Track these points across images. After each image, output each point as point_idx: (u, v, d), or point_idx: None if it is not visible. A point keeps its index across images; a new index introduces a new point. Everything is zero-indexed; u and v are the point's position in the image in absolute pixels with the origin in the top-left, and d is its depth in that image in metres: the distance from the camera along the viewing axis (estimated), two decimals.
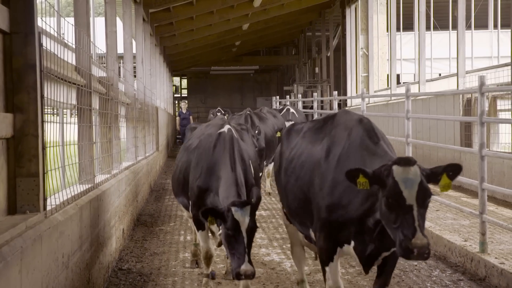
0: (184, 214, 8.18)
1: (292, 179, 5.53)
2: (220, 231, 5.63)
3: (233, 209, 5.48)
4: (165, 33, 24.41)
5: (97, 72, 8.40)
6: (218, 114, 23.71)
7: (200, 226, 6.60)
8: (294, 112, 16.56)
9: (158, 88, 22.87)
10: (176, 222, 11.19)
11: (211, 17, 24.57)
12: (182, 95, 54.92)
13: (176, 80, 54.05)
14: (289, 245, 8.99)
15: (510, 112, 12.20)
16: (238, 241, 5.43)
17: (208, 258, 6.74)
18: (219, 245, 6.06)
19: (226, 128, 6.56)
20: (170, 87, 37.29)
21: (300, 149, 5.61)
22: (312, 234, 5.27)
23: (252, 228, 5.51)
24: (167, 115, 28.33)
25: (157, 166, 18.33)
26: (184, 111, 27.61)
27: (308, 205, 5.18)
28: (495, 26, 24.04)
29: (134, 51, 15.01)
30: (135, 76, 15.09)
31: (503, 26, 22.88)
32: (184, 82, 54.95)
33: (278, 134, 13.19)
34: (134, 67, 15.19)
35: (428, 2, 21.58)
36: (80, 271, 5.78)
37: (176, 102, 52.64)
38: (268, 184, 14.65)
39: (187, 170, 6.70)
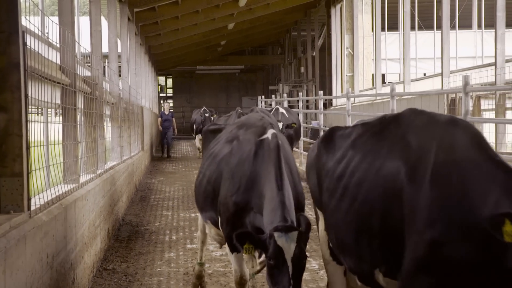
0: (199, 231, 7.00)
1: (345, 204, 4.15)
2: (261, 258, 5.05)
3: (276, 234, 4.58)
4: (150, 32, 24.34)
5: (82, 71, 8.37)
6: (207, 115, 23.23)
7: (235, 247, 5.34)
8: (284, 112, 15.91)
9: (143, 87, 22.81)
10: (161, 221, 11.17)
11: (196, 16, 24.53)
12: (168, 95, 54.79)
13: (162, 79, 53.90)
14: None
15: (494, 112, 12.27)
16: (282, 272, 4.54)
17: (243, 284, 5.71)
18: (258, 272, 5.49)
19: (270, 133, 5.39)
20: (155, 86, 37.20)
21: (354, 162, 4.22)
22: (379, 277, 3.99)
23: (300, 258, 4.57)
24: (152, 114, 28.26)
25: (142, 165, 18.28)
26: (166, 112, 25.87)
27: (375, 239, 3.88)
28: (479, 26, 24.22)
29: (119, 51, 14.96)
30: (120, 75, 15.04)
31: (487, 26, 23.05)
32: (170, 81, 54.82)
33: None
34: (119, 67, 15.14)
35: (412, 2, 21.67)
36: (65, 271, 5.76)
37: (161, 101, 52.52)
38: None
39: (218, 181, 5.64)
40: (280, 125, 13.31)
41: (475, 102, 12.89)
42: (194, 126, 24.31)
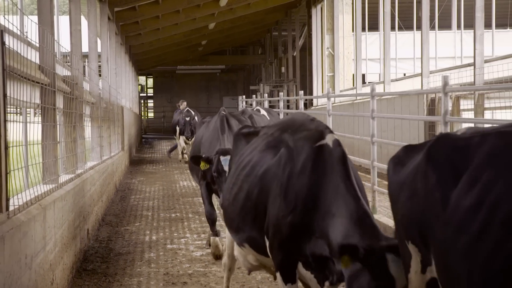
0: (226, 256, 6.16)
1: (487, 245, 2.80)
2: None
3: (389, 257, 3.64)
4: (130, 32, 24.24)
5: (62, 71, 8.32)
6: (192, 113, 22.10)
7: (290, 277, 4.52)
8: (265, 113, 15.33)
9: (123, 87, 22.71)
10: (141, 222, 11.14)
11: (177, 16, 24.46)
12: (148, 95, 54.61)
13: (142, 79, 53.71)
14: None
15: (473, 112, 12.35)
16: None
17: None
18: None
19: (329, 139, 4.42)
20: (135, 86, 37.05)
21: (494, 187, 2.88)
22: None
23: None
24: (133, 114, 28.15)
25: (122, 165, 18.21)
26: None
27: None
28: (458, 27, 24.39)
29: (99, 50, 14.88)
30: (100, 75, 14.97)
31: (466, 26, 23.20)
32: (150, 81, 54.65)
33: None
34: (99, 66, 15.07)
35: (393, 3, 21.77)
36: (44, 272, 5.72)
37: (142, 101, 52.34)
38: None
39: (262, 197, 4.67)
40: None
41: (455, 102, 12.97)
42: (177, 127, 22.65)
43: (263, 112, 13.92)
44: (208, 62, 45.41)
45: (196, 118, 21.52)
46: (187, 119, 21.58)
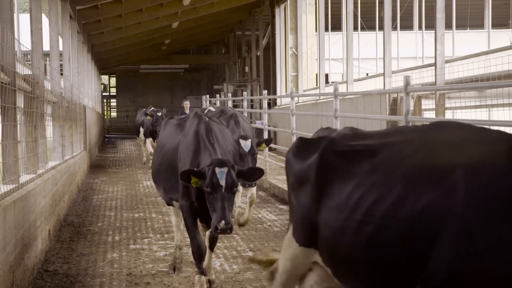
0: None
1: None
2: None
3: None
4: (92, 30, 24.02)
5: (22, 69, 8.20)
6: (159, 114, 19.69)
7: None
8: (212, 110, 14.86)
9: (86, 86, 22.50)
10: (104, 222, 11.04)
11: (140, 15, 24.31)
12: (111, 94, 54.20)
13: (105, 78, 53.30)
14: (218, 244, 9.00)
15: (434, 112, 12.49)
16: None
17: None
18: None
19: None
20: (98, 85, 36.74)
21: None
22: None
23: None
24: (95, 114, 27.90)
25: (84, 165, 18.04)
26: (187, 111, 19.78)
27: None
28: (420, 28, 24.68)
29: (60, 49, 14.71)
30: (61, 74, 14.80)
31: (427, 27, 23.50)
32: (113, 80, 54.24)
33: (263, 147, 10.18)
34: (61, 65, 14.89)
35: (355, 3, 21.94)
36: (4, 273, 5.64)
37: (105, 101, 51.93)
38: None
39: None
40: None
41: (416, 102, 13.11)
42: (141, 129, 20.57)
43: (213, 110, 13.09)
44: (171, 62, 45.23)
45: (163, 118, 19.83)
46: (159, 114, 19.62)
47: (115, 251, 8.75)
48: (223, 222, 5.70)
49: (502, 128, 10.35)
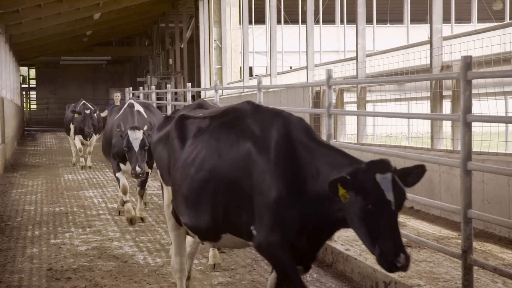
0: None
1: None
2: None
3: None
4: (10, 21, 23.32)
5: None
6: (87, 111, 17.73)
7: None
8: (141, 110, 12.17)
9: (3, 78, 21.85)
10: (23, 217, 10.77)
11: (60, 5, 23.75)
12: (31, 86, 52.88)
13: (24, 70, 51.93)
14: (142, 237, 8.93)
15: (355, 105, 12.71)
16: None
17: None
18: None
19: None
20: (17, 77, 35.75)
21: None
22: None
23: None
24: (14, 106, 27.15)
25: (2, 159, 17.54)
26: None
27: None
28: (342, 22, 25.04)
29: None
30: None
31: (349, 21, 23.87)
32: (33, 72, 52.91)
33: None
34: None
35: None
36: None
37: (24, 93, 50.61)
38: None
39: None
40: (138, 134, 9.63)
41: (338, 95, 13.31)
42: (72, 125, 18.51)
43: (138, 107, 10.87)
44: (93, 53, 44.49)
45: (95, 114, 18.11)
46: (87, 112, 17.75)
47: (35, 246, 8.55)
48: None
49: (420, 121, 10.66)
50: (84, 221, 10.29)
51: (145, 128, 9.61)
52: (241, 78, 22.91)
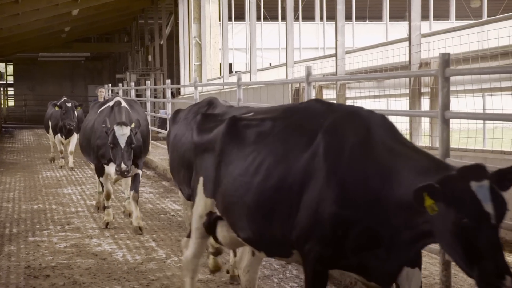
0: None
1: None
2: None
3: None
4: None
5: None
6: (69, 105, 16.56)
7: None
8: (127, 107, 11.43)
9: None
10: (1, 214, 10.68)
11: (38, 1, 23.56)
12: (8, 82, 52.42)
13: (1, 66, 51.47)
14: (121, 235, 8.89)
15: (335, 101, 12.75)
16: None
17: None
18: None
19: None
20: None
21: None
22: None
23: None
24: None
25: None
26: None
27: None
28: (321, 19, 25.11)
29: None
30: None
31: (328, 18, 23.93)
32: (10, 68, 52.44)
33: None
34: None
35: None
36: None
37: (1, 89, 50.17)
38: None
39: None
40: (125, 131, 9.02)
41: (318, 91, 13.34)
42: (50, 123, 17.58)
43: (124, 104, 10.06)
44: (72, 49, 44.16)
45: (76, 112, 16.88)
46: (68, 105, 16.64)
47: (13, 244, 8.48)
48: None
49: (399, 118, 10.70)
50: (62, 218, 10.22)
51: (133, 125, 8.98)
52: (220, 74, 22.89)
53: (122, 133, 8.79)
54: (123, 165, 8.58)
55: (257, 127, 4.52)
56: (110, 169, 9.27)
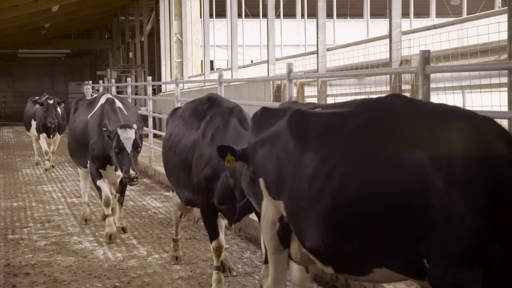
0: None
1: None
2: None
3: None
4: None
5: None
6: (50, 102, 15.64)
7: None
8: (121, 107, 10.58)
9: None
10: None
11: None
12: None
13: None
14: (102, 232, 8.84)
15: (316, 98, 12.77)
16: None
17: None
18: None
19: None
20: None
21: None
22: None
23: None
24: None
25: None
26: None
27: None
28: (302, 16, 25.15)
29: None
30: None
31: (310, 15, 23.98)
32: None
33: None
34: None
35: None
36: None
37: None
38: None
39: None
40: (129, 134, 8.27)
41: (299, 88, 13.35)
42: (33, 121, 16.44)
43: (119, 104, 9.49)
44: (52, 46, 43.87)
45: (59, 109, 16.00)
46: (50, 102, 15.73)
47: None
48: None
49: None
50: (42, 216, 10.16)
51: (135, 126, 8.11)
52: (202, 71, 22.84)
53: (127, 137, 7.92)
54: (131, 172, 7.75)
55: (324, 122, 3.94)
56: (106, 173, 8.62)
